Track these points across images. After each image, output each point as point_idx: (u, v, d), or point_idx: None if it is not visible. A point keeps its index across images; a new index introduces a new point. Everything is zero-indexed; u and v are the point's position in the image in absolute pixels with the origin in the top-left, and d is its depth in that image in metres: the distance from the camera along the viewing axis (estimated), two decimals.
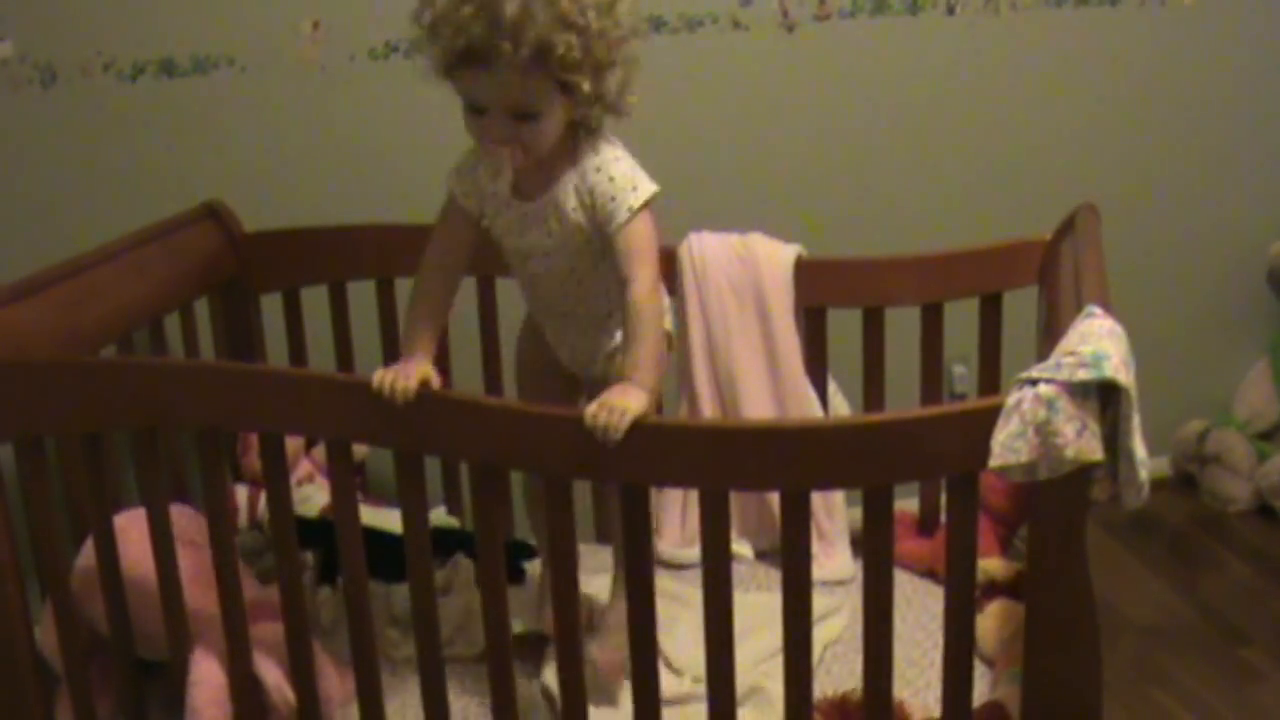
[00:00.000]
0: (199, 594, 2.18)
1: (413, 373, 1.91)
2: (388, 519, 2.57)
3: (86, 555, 2.23)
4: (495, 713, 2.07)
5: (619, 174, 1.98)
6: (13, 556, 2.14)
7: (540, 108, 1.90)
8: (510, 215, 2.07)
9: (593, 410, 1.78)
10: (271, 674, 2.21)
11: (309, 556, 2.58)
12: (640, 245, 1.97)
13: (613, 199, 1.96)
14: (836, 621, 2.49)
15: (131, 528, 2.20)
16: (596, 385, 2.02)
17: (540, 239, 2.06)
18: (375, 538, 2.33)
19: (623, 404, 1.79)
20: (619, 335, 2.07)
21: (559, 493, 1.89)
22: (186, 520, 2.29)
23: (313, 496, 2.72)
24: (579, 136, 2.01)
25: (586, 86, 1.90)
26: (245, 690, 2.19)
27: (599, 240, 2.02)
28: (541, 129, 1.92)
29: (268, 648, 2.20)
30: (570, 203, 2.00)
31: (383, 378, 1.90)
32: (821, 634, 2.41)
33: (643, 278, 1.96)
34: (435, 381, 1.92)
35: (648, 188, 1.98)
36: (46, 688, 2.25)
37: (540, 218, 2.03)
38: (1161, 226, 3.44)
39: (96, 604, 2.21)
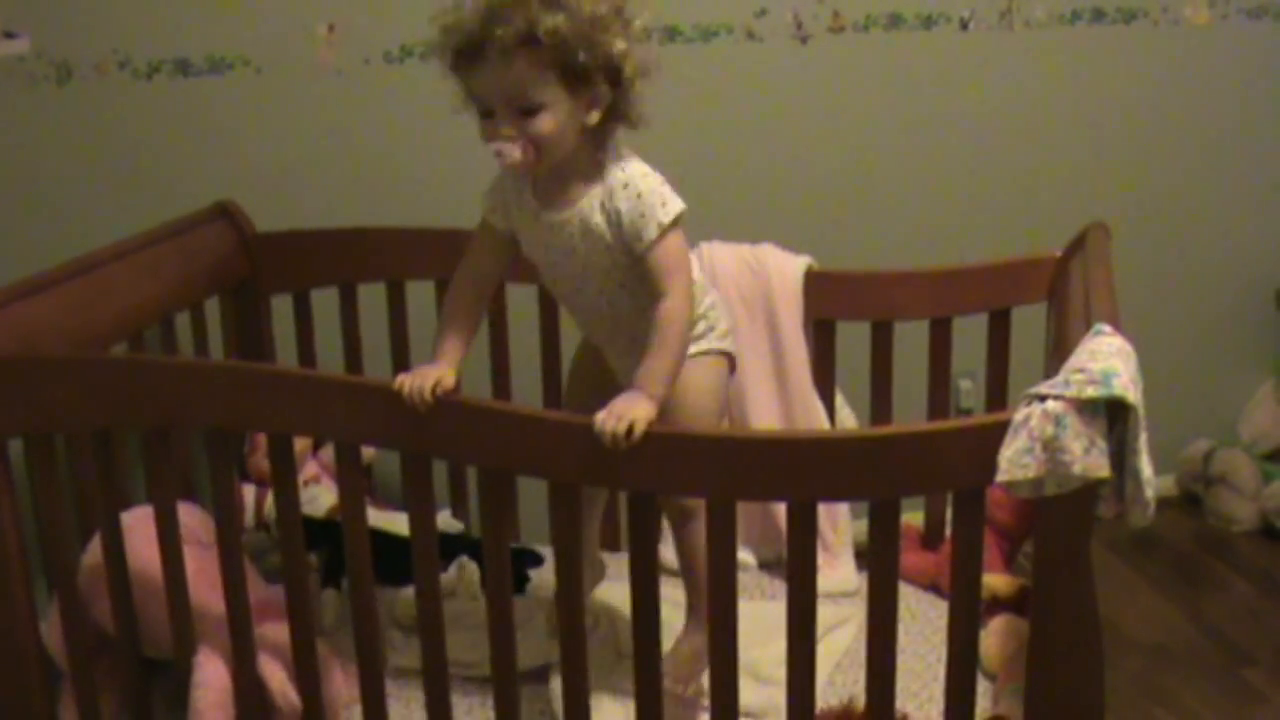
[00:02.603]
0: (205, 593, 2.18)
1: (430, 373, 1.91)
2: (393, 522, 2.58)
3: (93, 552, 2.24)
4: (499, 717, 2.07)
5: (647, 189, 1.96)
6: (20, 552, 2.15)
7: (540, 98, 1.89)
8: (537, 226, 2.05)
9: (601, 417, 1.79)
10: (275, 676, 2.21)
11: (313, 558, 2.59)
12: (671, 262, 1.96)
13: (641, 215, 1.95)
14: (845, 633, 2.49)
15: (139, 525, 2.20)
16: None
17: (565, 253, 2.04)
18: (381, 540, 2.34)
19: (631, 413, 1.80)
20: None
21: (566, 498, 1.90)
22: (193, 519, 2.29)
23: (319, 497, 2.72)
24: (601, 148, 2.00)
25: (589, 80, 1.90)
26: (250, 693, 2.19)
27: (625, 259, 2.00)
28: (547, 124, 1.89)
29: (273, 648, 2.21)
30: (596, 218, 1.99)
31: (403, 382, 1.91)
32: (831, 645, 2.42)
33: (675, 293, 1.96)
34: (448, 385, 1.92)
35: (676, 204, 1.97)
36: (51, 684, 2.25)
37: (564, 229, 2.01)
38: (1171, 246, 3.45)
39: (103, 601, 2.22)
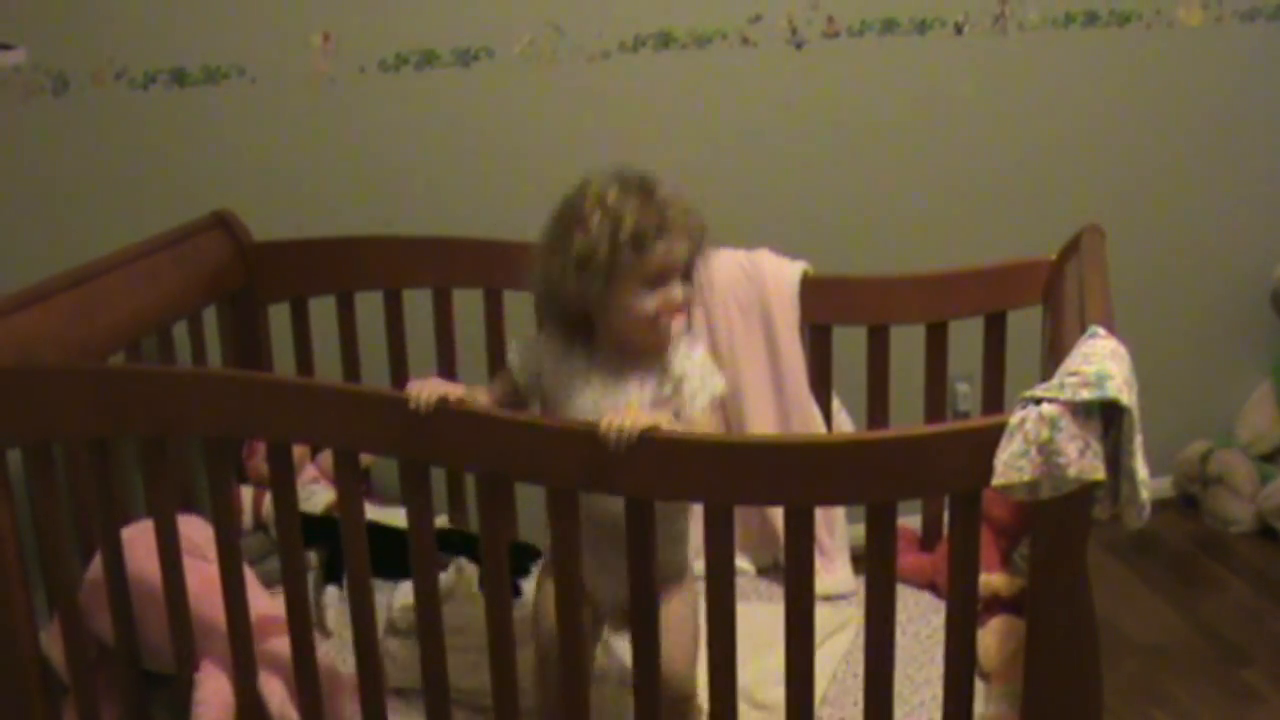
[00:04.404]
0: (207, 608, 2.18)
1: (437, 384, 1.92)
2: (391, 516, 2.57)
3: (95, 568, 2.23)
4: None
5: (705, 360, 2.13)
6: (20, 564, 2.15)
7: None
8: (589, 389, 2.10)
9: (607, 419, 1.81)
10: (276, 693, 2.20)
11: (313, 556, 2.59)
12: (710, 426, 2.11)
13: (700, 387, 2.09)
14: (842, 639, 2.50)
15: (140, 539, 2.20)
16: (620, 620, 2.11)
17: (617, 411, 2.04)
18: (378, 534, 2.33)
19: (632, 415, 1.81)
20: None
21: (565, 504, 1.90)
22: (195, 532, 2.29)
23: (317, 494, 2.72)
24: None
25: None
26: (251, 710, 2.19)
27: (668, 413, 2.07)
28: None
29: (276, 663, 2.20)
30: (660, 383, 2.09)
31: (414, 390, 1.92)
32: (828, 652, 2.43)
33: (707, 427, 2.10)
34: (454, 395, 1.92)
35: (720, 377, 2.13)
36: (52, 697, 2.25)
37: (623, 392, 2.09)
38: (1166, 248, 3.45)
39: (103, 615, 2.21)
